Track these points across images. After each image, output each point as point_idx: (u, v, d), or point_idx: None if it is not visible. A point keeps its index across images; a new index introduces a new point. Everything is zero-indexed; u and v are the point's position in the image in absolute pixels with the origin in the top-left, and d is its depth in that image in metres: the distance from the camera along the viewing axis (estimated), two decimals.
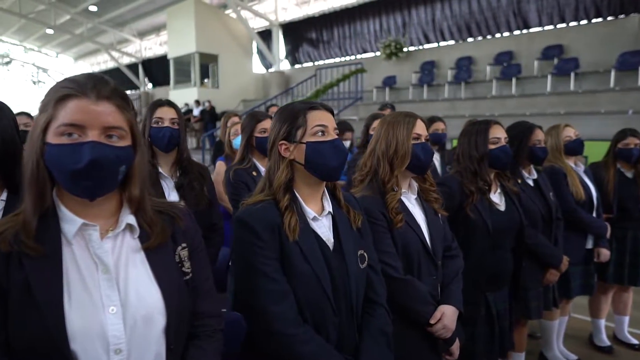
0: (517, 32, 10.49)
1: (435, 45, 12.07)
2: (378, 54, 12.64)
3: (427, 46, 12.24)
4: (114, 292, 0.87)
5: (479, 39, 11.18)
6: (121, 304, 0.87)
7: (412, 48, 12.24)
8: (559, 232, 2.43)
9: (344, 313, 1.22)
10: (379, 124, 1.67)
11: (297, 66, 15.69)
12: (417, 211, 1.64)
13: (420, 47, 12.30)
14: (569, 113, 7.28)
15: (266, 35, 15.72)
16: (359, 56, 13.75)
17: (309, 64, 15.23)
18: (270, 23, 15.52)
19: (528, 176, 2.39)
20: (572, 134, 2.67)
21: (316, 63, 14.94)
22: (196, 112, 13.19)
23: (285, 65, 16.04)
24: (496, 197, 2.01)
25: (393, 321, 1.36)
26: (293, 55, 15.69)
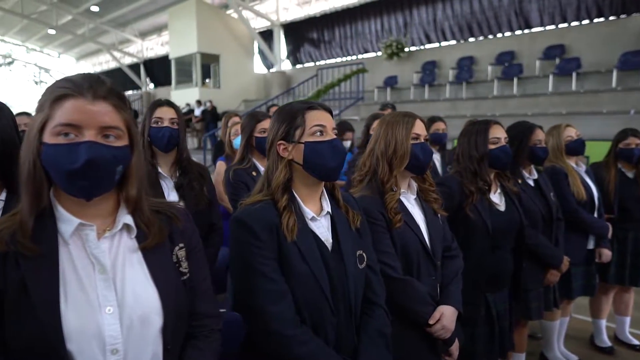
0: (518, 32, 10.47)
1: (436, 45, 12.06)
2: (379, 54, 12.63)
3: (428, 46, 12.22)
4: (110, 292, 0.87)
5: (480, 38, 11.16)
6: (118, 304, 0.87)
7: (413, 48, 12.23)
8: (560, 232, 2.42)
9: (342, 313, 1.22)
10: (378, 123, 1.67)
11: (298, 66, 15.69)
12: (417, 211, 1.63)
13: (422, 47, 12.29)
14: (570, 113, 7.27)
15: (267, 35, 15.73)
16: (360, 56, 13.75)
17: (310, 64, 15.23)
18: (272, 23, 15.53)
19: (528, 176, 2.38)
20: (574, 134, 2.67)
21: (317, 63, 14.94)
22: (197, 112, 13.20)
23: (286, 65, 16.05)
24: (496, 197, 2.00)
25: (392, 322, 1.35)
26: (294, 55, 15.69)
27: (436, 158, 3.45)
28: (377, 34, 13.04)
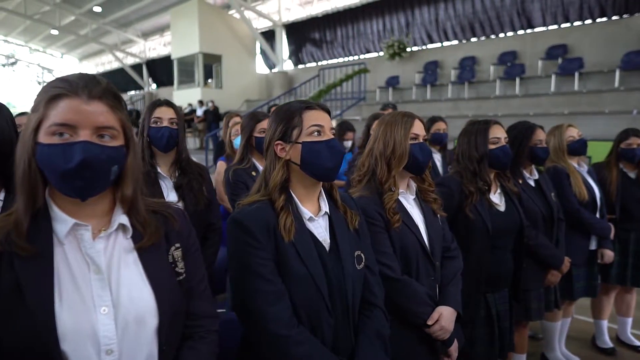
0: (521, 32, 10.44)
1: (438, 45, 12.03)
2: (381, 54, 12.62)
3: (430, 46, 12.20)
4: (105, 292, 0.87)
5: (482, 38, 11.13)
6: (113, 304, 0.86)
7: (415, 48, 12.21)
8: (561, 232, 2.41)
9: (339, 314, 1.21)
10: (377, 124, 1.66)
11: (300, 66, 15.69)
12: (416, 212, 1.63)
13: (424, 47, 12.27)
14: (573, 113, 7.25)
15: (269, 36, 15.74)
16: (362, 56, 13.74)
17: (312, 64, 15.23)
18: (274, 23, 15.54)
19: (529, 176, 2.37)
20: (575, 134, 2.65)
21: (319, 63, 14.94)
22: (199, 112, 13.22)
23: (288, 66, 16.05)
24: (496, 197, 1.99)
25: (390, 322, 1.35)
26: (296, 55, 15.70)
27: (437, 158, 3.44)
28: (379, 34, 13.03)
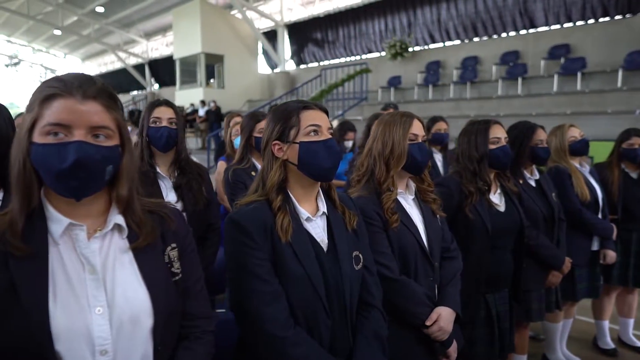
0: (523, 32, 10.41)
1: (440, 45, 12.02)
2: (383, 54, 12.61)
3: (432, 46, 12.19)
4: (100, 292, 0.86)
5: (484, 38, 11.11)
6: (108, 304, 0.86)
7: (417, 48, 12.20)
8: (562, 233, 2.40)
9: (337, 315, 1.21)
10: (376, 123, 1.66)
11: (302, 66, 15.70)
12: (415, 212, 1.62)
13: (426, 47, 12.26)
14: (575, 113, 7.22)
15: (271, 36, 15.75)
16: (364, 56, 13.73)
17: (314, 64, 15.23)
18: (276, 23, 15.55)
19: (530, 176, 2.36)
20: (577, 134, 2.64)
21: (321, 63, 14.94)
22: (201, 112, 13.23)
23: (290, 66, 16.06)
24: (496, 197, 1.98)
25: (389, 323, 1.34)
26: (298, 55, 15.70)
27: (438, 158, 3.43)
28: (381, 34, 13.02)
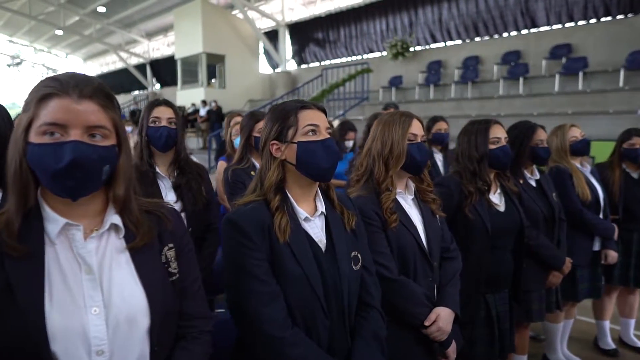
0: (524, 31, 10.40)
1: (442, 44, 12.01)
2: (384, 53, 12.60)
3: (433, 46, 12.18)
4: (97, 292, 0.86)
5: (486, 38, 11.10)
6: (104, 304, 0.86)
7: (418, 48, 12.19)
8: (562, 233, 2.39)
9: (335, 315, 1.20)
10: (375, 123, 1.65)
11: (303, 66, 15.71)
12: (414, 212, 1.61)
13: (427, 46, 12.26)
14: (577, 113, 7.20)
15: (273, 36, 15.76)
16: (365, 56, 13.73)
17: (316, 64, 15.24)
18: (277, 23, 15.55)
19: (530, 176, 2.35)
20: (578, 134, 2.63)
21: (322, 63, 14.95)
22: (203, 112, 13.24)
23: (291, 65, 16.07)
24: (496, 197, 1.98)
25: (387, 323, 1.33)
26: (299, 55, 15.70)
27: (438, 158, 3.42)
28: (382, 33, 13.02)
